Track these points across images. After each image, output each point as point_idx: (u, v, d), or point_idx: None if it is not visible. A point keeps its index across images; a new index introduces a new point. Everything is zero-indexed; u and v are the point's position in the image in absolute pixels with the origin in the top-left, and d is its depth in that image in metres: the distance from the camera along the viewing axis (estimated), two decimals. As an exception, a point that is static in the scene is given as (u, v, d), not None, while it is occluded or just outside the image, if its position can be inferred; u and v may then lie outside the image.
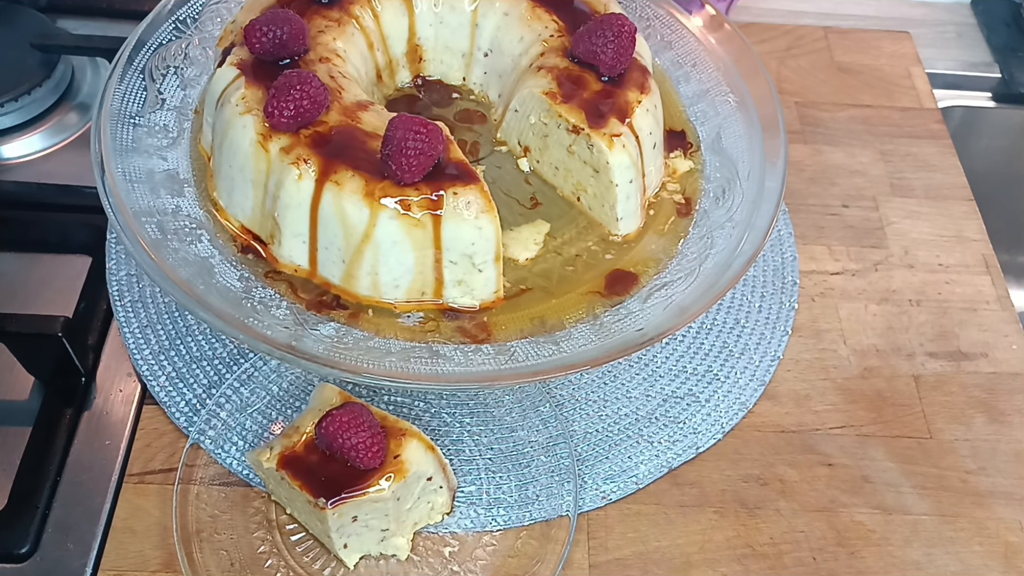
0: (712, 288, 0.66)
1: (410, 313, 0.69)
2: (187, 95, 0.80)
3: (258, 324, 0.63)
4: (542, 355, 0.65)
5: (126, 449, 0.73)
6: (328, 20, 0.76)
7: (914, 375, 0.83)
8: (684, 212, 0.78)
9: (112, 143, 0.70)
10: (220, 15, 0.82)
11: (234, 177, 0.70)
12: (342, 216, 0.65)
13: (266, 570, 0.66)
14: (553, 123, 0.74)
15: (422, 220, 0.65)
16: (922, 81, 1.11)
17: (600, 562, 0.70)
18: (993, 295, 0.90)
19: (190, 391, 0.75)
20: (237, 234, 0.72)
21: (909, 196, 0.98)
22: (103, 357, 0.78)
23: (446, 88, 0.85)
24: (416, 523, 0.69)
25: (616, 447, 0.75)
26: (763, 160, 0.76)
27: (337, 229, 0.66)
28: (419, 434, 0.65)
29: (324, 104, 0.67)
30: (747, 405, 0.79)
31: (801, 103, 1.07)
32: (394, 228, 0.65)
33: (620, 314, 0.69)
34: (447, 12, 0.82)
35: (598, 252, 0.75)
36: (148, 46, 0.78)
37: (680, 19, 0.87)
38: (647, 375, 0.80)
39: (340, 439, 0.62)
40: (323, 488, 0.62)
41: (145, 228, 0.67)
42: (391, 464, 0.63)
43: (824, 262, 0.91)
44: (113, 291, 0.80)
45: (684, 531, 0.72)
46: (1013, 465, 0.78)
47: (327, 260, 0.68)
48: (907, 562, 0.72)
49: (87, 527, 0.69)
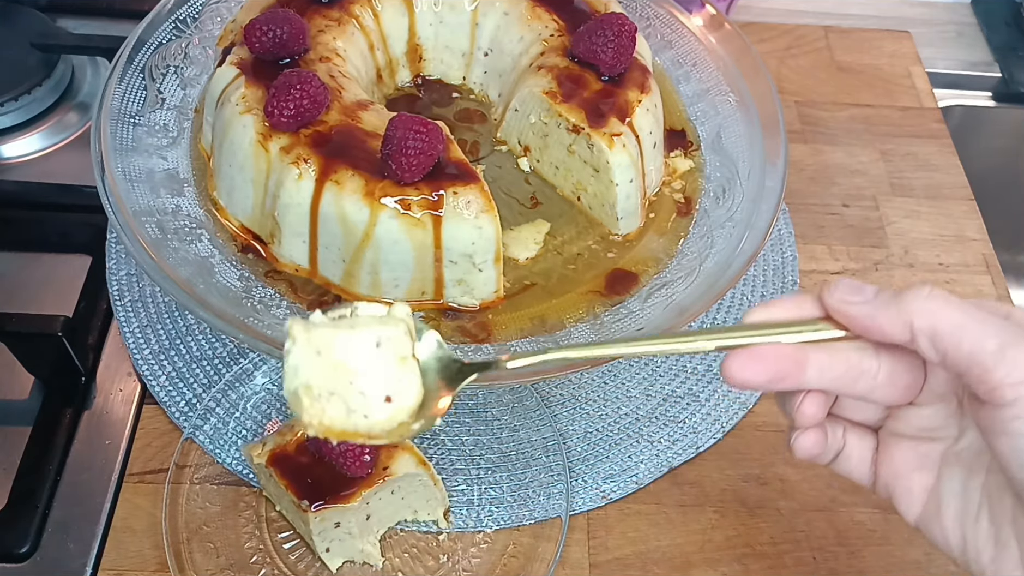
0: (712, 288, 0.66)
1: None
2: (187, 94, 0.80)
3: (258, 324, 0.63)
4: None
5: (126, 449, 0.73)
6: (328, 20, 0.76)
7: (914, 375, 0.83)
8: (684, 211, 0.78)
9: (112, 143, 0.70)
10: (220, 15, 0.82)
11: (234, 176, 0.70)
12: (342, 216, 0.65)
13: (252, 566, 0.66)
14: (553, 122, 0.74)
15: (422, 220, 0.65)
16: (922, 81, 1.11)
17: (600, 561, 0.70)
18: (993, 295, 0.90)
19: (190, 391, 0.75)
20: (237, 233, 0.72)
21: (909, 196, 0.98)
22: (103, 357, 0.78)
23: (446, 87, 0.85)
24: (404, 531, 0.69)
25: (616, 446, 0.75)
26: (763, 159, 0.76)
27: (337, 229, 0.66)
28: (412, 448, 0.65)
29: (324, 103, 0.67)
30: (747, 404, 0.79)
31: (801, 102, 1.07)
32: (394, 227, 0.65)
33: (620, 314, 0.69)
34: (447, 12, 0.82)
35: (598, 251, 0.75)
36: (148, 45, 0.78)
37: (680, 18, 0.87)
38: (647, 375, 0.80)
39: (330, 444, 0.62)
40: (308, 491, 0.62)
41: (145, 228, 0.67)
42: (379, 475, 0.63)
43: (824, 261, 0.91)
44: (113, 291, 0.80)
45: (684, 531, 0.72)
46: (1013, 465, 0.78)
47: (327, 259, 0.68)
48: (907, 562, 0.72)
49: (87, 527, 0.69)
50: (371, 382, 0.42)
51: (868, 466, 0.48)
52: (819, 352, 0.43)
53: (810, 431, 0.47)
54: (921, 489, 0.46)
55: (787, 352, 0.43)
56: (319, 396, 0.42)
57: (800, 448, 0.47)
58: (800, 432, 0.47)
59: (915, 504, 0.46)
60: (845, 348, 0.44)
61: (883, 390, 0.44)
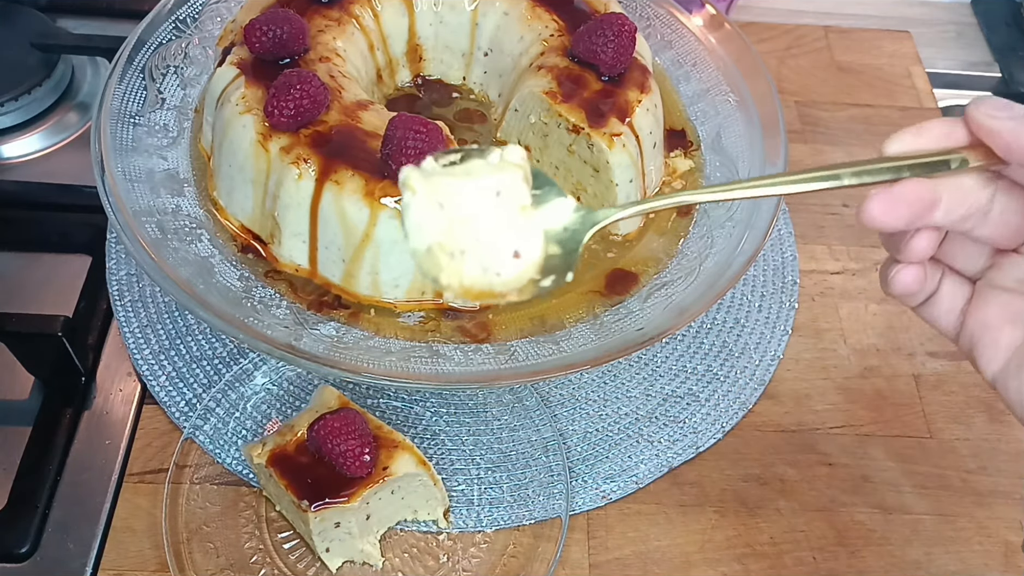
0: (712, 288, 0.66)
1: (410, 312, 0.69)
2: (187, 94, 0.80)
3: (258, 324, 0.63)
4: (542, 355, 0.65)
5: (126, 449, 0.73)
6: (328, 19, 0.76)
7: (914, 374, 0.83)
8: (684, 211, 0.78)
9: (112, 143, 0.70)
10: (220, 14, 0.82)
11: (234, 176, 0.70)
12: (342, 216, 0.65)
13: (252, 566, 0.66)
14: (553, 122, 0.74)
15: (422, 219, 0.64)
16: (922, 80, 1.11)
17: (600, 561, 0.70)
18: (993, 295, 0.90)
19: (190, 391, 0.75)
20: (237, 233, 0.72)
21: (909, 196, 0.98)
22: (103, 357, 0.78)
23: (446, 87, 0.85)
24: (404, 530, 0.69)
25: (616, 446, 0.75)
26: (763, 159, 0.76)
27: (337, 229, 0.66)
28: (412, 448, 0.65)
29: (324, 103, 0.67)
30: (747, 404, 0.79)
31: (801, 102, 1.07)
32: (394, 227, 0.65)
33: (620, 314, 0.69)
34: (447, 11, 0.82)
35: (598, 251, 0.75)
36: (148, 46, 0.78)
37: (680, 18, 0.87)
38: (647, 375, 0.80)
39: (329, 444, 0.62)
40: (308, 491, 0.62)
41: (145, 228, 0.67)
42: (379, 475, 0.63)
43: (824, 261, 0.91)
44: (113, 291, 0.80)
45: (684, 530, 0.72)
46: (1013, 465, 0.78)
47: (327, 260, 0.68)
48: (907, 562, 0.72)
49: (87, 527, 0.69)
50: (498, 236, 0.40)
51: (956, 316, 0.48)
52: (949, 189, 0.43)
53: (913, 267, 0.47)
54: (1007, 344, 0.46)
55: (924, 193, 0.42)
56: (453, 255, 0.39)
57: (899, 283, 0.47)
58: (903, 267, 0.47)
59: (997, 359, 0.46)
60: (969, 184, 0.43)
61: (994, 229, 0.44)
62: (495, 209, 0.40)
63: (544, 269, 0.41)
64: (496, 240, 0.40)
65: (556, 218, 0.42)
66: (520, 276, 0.41)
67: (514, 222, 0.40)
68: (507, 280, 0.41)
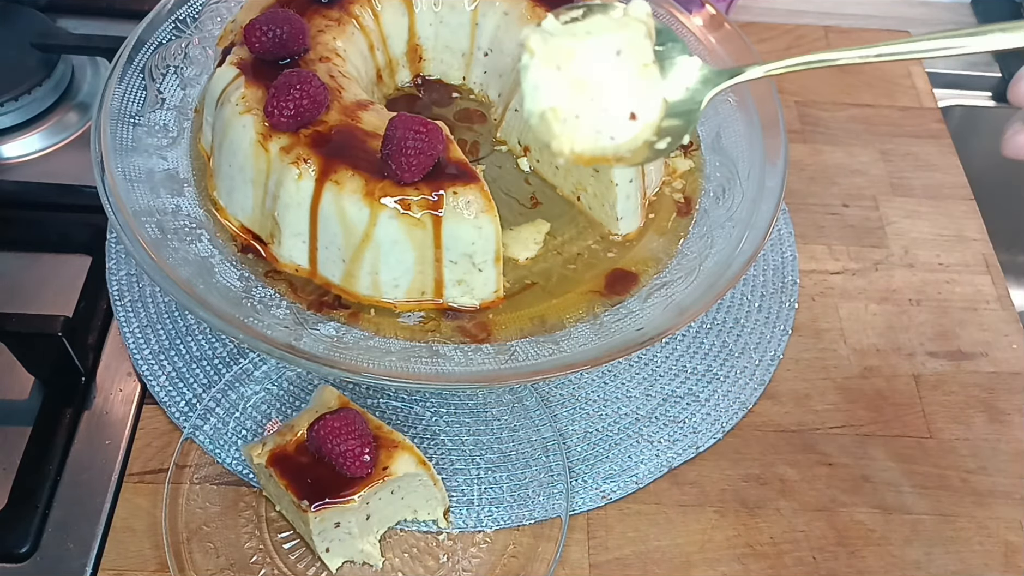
0: (712, 288, 0.66)
1: (410, 313, 0.69)
2: (187, 94, 0.80)
3: (258, 323, 0.63)
4: (542, 355, 0.65)
5: (126, 449, 0.73)
6: (328, 20, 0.76)
7: (914, 375, 0.83)
8: (684, 211, 0.78)
9: (112, 143, 0.70)
10: (220, 15, 0.82)
11: (234, 176, 0.70)
12: (342, 216, 0.65)
13: (252, 566, 0.66)
14: (553, 122, 0.74)
15: (422, 220, 0.65)
16: (922, 80, 1.11)
17: (600, 561, 0.70)
18: (993, 294, 0.90)
19: (190, 391, 0.75)
20: (237, 233, 0.72)
21: (909, 195, 0.98)
22: (103, 357, 0.78)
23: (446, 88, 0.85)
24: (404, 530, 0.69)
25: (616, 447, 0.75)
26: (763, 159, 0.76)
27: (337, 229, 0.66)
28: (411, 448, 0.65)
29: (324, 103, 0.67)
30: (747, 404, 0.79)
31: (801, 102, 1.07)
32: (394, 228, 0.65)
33: (620, 314, 0.69)
34: (447, 12, 0.82)
35: (598, 251, 0.75)
36: (148, 46, 0.78)
37: (680, 18, 0.87)
38: (647, 375, 0.80)
39: (329, 444, 0.62)
40: (308, 490, 0.62)
41: (145, 228, 0.67)
42: (379, 475, 0.63)
43: (824, 261, 0.91)
44: (113, 291, 0.80)
45: (684, 530, 0.72)
46: (1013, 465, 0.78)
47: (327, 260, 0.68)
48: (907, 561, 0.72)
49: (87, 527, 0.69)
50: (615, 98, 0.39)
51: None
52: None
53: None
54: None
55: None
56: (565, 120, 0.38)
57: (1014, 145, 0.50)
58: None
59: None
60: None
61: None
62: (614, 70, 0.39)
63: (660, 131, 0.40)
64: (613, 102, 0.39)
65: (679, 77, 0.41)
66: (635, 139, 0.40)
67: (633, 82, 0.39)
68: (620, 144, 0.40)
